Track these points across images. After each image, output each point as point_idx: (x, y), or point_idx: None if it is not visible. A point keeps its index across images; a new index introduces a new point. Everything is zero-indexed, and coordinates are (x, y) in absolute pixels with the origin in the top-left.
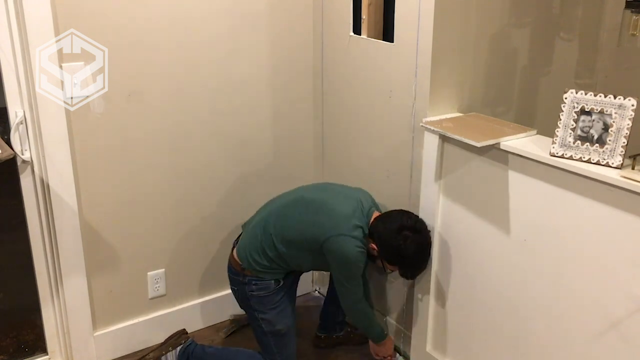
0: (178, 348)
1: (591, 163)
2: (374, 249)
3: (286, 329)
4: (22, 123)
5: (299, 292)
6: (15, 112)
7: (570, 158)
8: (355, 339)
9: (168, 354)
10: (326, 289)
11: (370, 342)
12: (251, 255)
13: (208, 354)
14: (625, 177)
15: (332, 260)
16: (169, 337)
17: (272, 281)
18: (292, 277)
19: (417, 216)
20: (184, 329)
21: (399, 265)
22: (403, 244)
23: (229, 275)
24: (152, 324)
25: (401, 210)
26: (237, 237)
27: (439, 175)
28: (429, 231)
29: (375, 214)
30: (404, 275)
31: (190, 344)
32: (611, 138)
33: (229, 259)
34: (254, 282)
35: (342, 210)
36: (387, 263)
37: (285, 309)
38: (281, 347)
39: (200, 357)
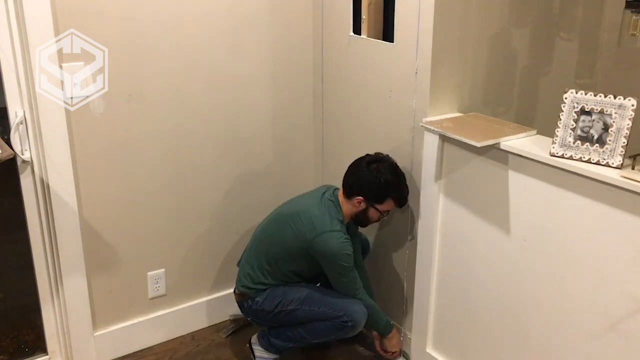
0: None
1: (591, 163)
2: (360, 201)
3: (305, 292)
4: (22, 123)
5: None
6: (15, 112)
7: (570, 158)
8: None
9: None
10: None
11: (376, 338)
12: (249, 280)
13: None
14: (625, 177)
15: (322, 260)
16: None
17: (267, 290)
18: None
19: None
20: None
21: (389, 196)
22: (378, 173)
23: (241, 310)
24: (152, 324)
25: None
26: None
27: (439, 175)
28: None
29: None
30: (399, 202)
31: (260, 336)
32: (611, 138)
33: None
34: (256, 297)
35: (313, 212)
36: (378, 204)
37: (283, 288)
38: (325, 304)
39: (277, 335)
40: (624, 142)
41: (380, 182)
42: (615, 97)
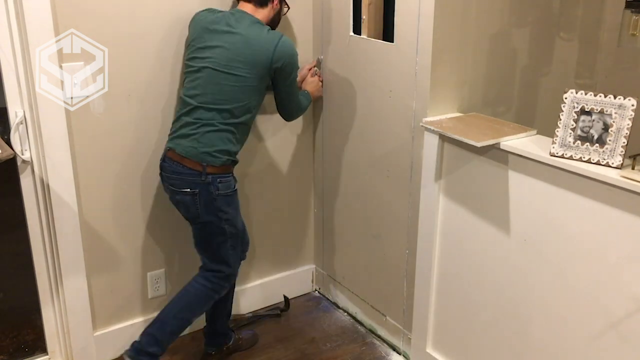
0: None
1: (591, 163)
2: (277, 1)
3: (242, 227)
4: (22, 123)
5: (298, 293)
6: (15, 112)
7: (570, 158)
8: (245, 343)
9: None
10: (325, 289)
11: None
12: (217, 146)
13: (155, 327)
14: (625, 177)
15: (285, 66)
16: None
17: (232, 178)
18: None
19: None
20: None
21: None
22: None
23: (181, 179)
24: None
25: None
26: (168, 141)
27: (439, 175)
28: None
29: (242, 4)
30: None
31: (132, 347)
32: (611, 138)
33: (178, 160)
34: (218, 179)
35: (257, 33)
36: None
37: (239, 209)
38: (235, 248)
39: (150, 339)
40: (624, 142)
41: None
42: (615, 97)
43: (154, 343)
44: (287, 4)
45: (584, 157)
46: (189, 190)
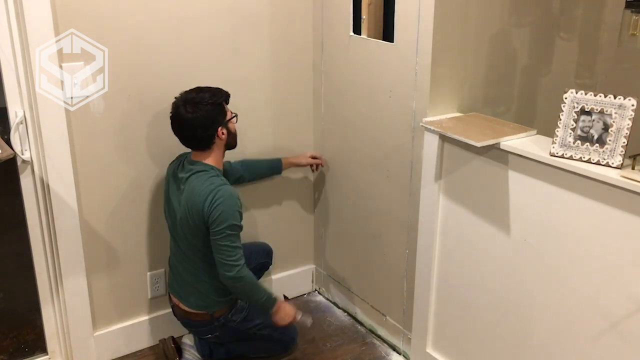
0: (187, 352)
1: (591, 163)
2: (222, 131)
3: (264, 319)
4: (22, 123)
5: (298, 292)
6: (15, 112)
7: (570, 158)
8: None
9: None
10: (325, 289)
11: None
12: (213, 293)
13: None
14: (625, 177)
15: (220, 217)
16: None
17: (239, 304)
18: None
19: (173, 106)
20: (170, 337)
21: (221, 102)
22: (202, 102)
23: (197, 330)
24: (152, 324)
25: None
26: (170, 299)
27: (439, 175)
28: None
29: (192, 152)
30: (224, 96)
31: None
32: (611, 138)
33: (185, 315)
34: (229, 314)
35: (188, 187)
36: (225, 116)
37: (258, 310)
38: (285, 330)
39: (221, 342)
40: (624, 142)
41: (211, 104)
42: (615, 97)
43: (225, 350)
44: (231, 119)
45: (584, 157)
46: (211, 335)
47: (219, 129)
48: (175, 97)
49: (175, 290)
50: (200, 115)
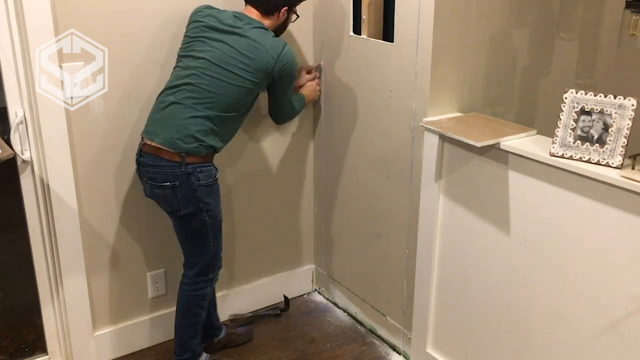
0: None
1: (591, 163)
2: (285, 11)
3: (221, 218)
4: (22, 123)
5: (298, 292)
6: (15, 112)
7: (570, 158)
8: (237, 338)
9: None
10: (325, 289)
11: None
12: (196, 133)
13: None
14: (625, 177)
15: (285, 75)
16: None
17: (213, 167)
18: None
19: None
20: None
21: None
22: None
23: (160, 172)
24: (152, 324)
25: None
26: (144, 129)
27: (439, 175)
28: None
29: (248, 8)
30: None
31: None
32: (611, 138)
33: (155, 152)
34: (199, 169)
35: (259, 37)
36: (294, 5)
37: (220, 198)
38: (216, 240)
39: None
40: (624, 142)
41: None
42: (615, 97)
43: (184, 350)
44: (296, 12)
45: (584, 157)
46: (168, 183)
47: (285, 7)
48: None
49: (156, 125)
50: None
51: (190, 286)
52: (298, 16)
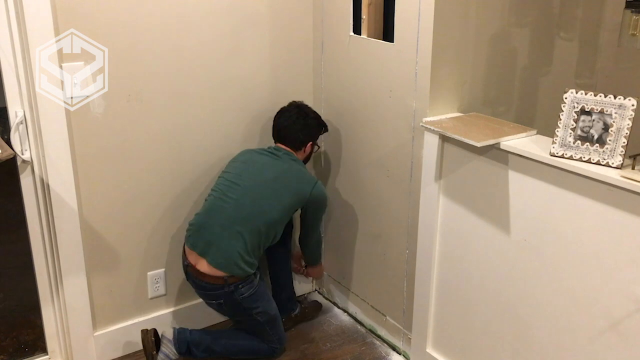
0: (165, 346)
1: (591, 163)
2: (311, 145)
3: (276, 311)
4: (22, 123)
5: (298, 292)
6: (15, 112)
7: (571, 158)
8: (310, 313)
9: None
10: (325, 289)
11: (308, 267)
12: (241, 258)
13: (210, 336)
14: (625, 177)
15: (317, 207)
16: (144, 347)
17: (254, 274)
18: None
19: (289, 106)
20: (153, 329)
21: (322, 129)
22: (314, 115)
23: (205, 293)
24: (152, 324)
25: (280, 115)
26: (185, 255)
27: (439, 175)
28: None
29: (280, 144)
30: (325, 128)
31: (180, 332)
32: (611, 138)
33: (198, 276)
34: (241, 285)
35: (298, 170)
36: (315, 144)
37: (268, 293)
38: (276, 329)
39: (200, 341)
40: (624, 142)
41: (319, 122)
42: (615, 97)
43: (203, 349)
44: (318, 145)
45: (584, 157)
46: (214, 302)
47: (311, 142)
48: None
49: (200, 248)
50: (310, 121)
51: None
52: (319, 147)
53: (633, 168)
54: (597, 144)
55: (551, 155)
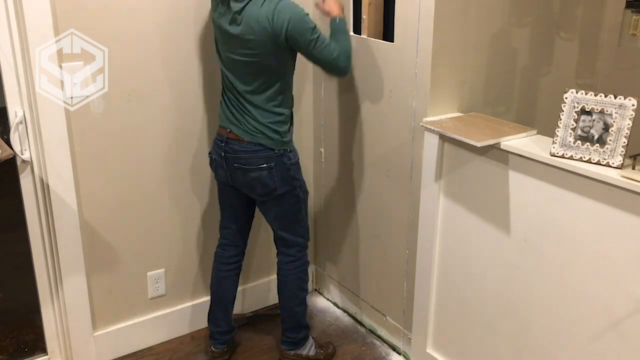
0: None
1: (591, 163)
2: None
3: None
4: (22, 123)
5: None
6: (15, 112)
7: (571, 158)
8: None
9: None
10: (325, 289)
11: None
12: (273, 127)
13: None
14: (625, 177)
15: (293, 33)
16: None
17: (294, 147)
18: None
19: None
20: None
21: None
22: None
23: (251, 159)
24: (152, 324)
25: None
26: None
27: (439, 175)
28: None
29: None
30: None
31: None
32: (611, 138)
33: (238, 142)
34: (289, 149)
35: (252, 11)
36: None
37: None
38: (306, 214)
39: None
40: (624, 142)
41: None
42: (615, 97)
43: (298, 331)
44: None
45: (584, 157)
46: (265, 165)
47: None
48: None
49: (231, 124)
50: None
51: (295, 262)
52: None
53: (633, 168)
54: (598, 144)
55: (551, 155)
